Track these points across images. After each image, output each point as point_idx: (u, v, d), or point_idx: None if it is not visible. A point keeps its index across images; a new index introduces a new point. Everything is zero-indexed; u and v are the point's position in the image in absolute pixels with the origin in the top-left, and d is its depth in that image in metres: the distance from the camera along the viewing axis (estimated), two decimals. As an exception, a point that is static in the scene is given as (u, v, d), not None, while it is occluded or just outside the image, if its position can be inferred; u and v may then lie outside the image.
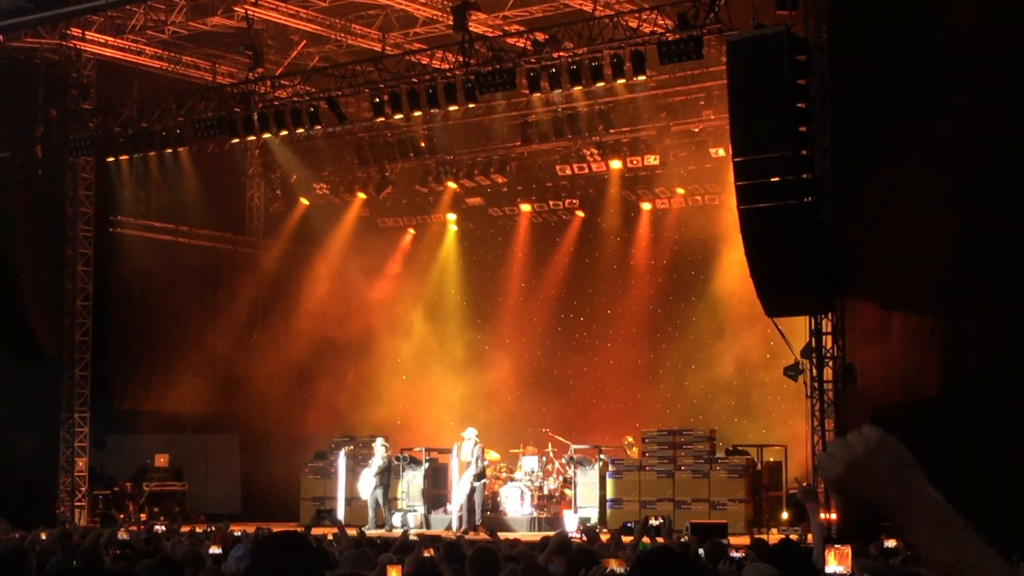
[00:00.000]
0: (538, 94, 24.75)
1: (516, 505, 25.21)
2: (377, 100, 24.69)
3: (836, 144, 19.74)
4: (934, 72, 19.24)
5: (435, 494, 26.04)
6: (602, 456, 25.01)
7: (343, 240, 31.92)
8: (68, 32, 26.52)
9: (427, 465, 26.21)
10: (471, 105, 24.78)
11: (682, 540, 15.65)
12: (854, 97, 19.83)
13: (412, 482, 26.23)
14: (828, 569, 7.06)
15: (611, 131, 28.06)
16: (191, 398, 29.88)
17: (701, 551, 12.30)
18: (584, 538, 16.01)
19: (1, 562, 6.50)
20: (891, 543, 14.05)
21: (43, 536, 15.42)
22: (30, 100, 27.08)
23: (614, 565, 7.80)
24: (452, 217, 31.75)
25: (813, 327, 20.37)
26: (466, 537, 18.08)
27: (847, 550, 7.28)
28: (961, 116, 19.04)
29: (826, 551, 7.38)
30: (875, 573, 8.74)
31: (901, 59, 19.53)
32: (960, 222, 18.94)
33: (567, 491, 25.09)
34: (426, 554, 10.84)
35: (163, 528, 17.63)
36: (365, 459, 26.15)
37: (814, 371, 20.31)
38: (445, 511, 25.58)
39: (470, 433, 24.98)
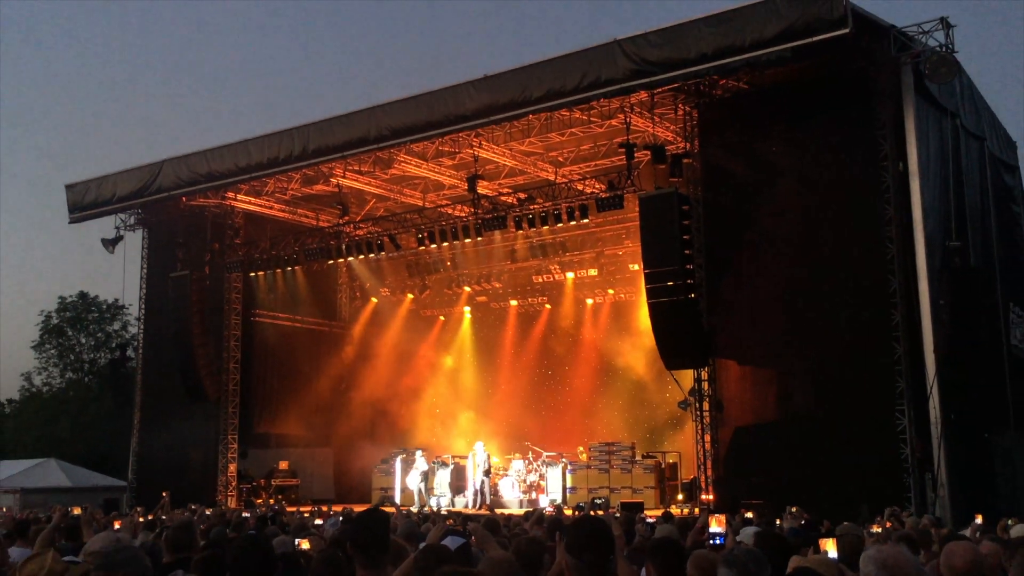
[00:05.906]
0: (520, 231, 24.88)
1: (509, 491, 25.05)
2: (420, 236, 24.83)
3: (708, 261, 19.86)
4: (766, 217, 19.45)
5: (458, 485, 25.78)
6: (564, 459, 24.88)
7: (399, 325, 31.99)
8: (225, 195, 26.80)
9: (452, 467, 26.01)
10: (479, 239, 24.86)
11: (615, 515, 15.43)
12: (718, 232, 19.94)
13: (443, 478, 25.98)
14: (711, 530, 6.96)
15: (567, 254, 28.34)
16: (303, 425, 29.83)
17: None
18: (554, 511, 15.89)
19: (178, 531, 6.52)
20: (749, 515, 13.79)
21: (207, 512, 15.18)
22: (201, 238, 27.30)
23: None
24: (467, 310, 31.81)
25: (696, 376, 20.34)
26: (477, 512, 17.87)
27: (723, 517, 7.24)
28: (782, 244, 19.21)
29: (709, 518, 7.34)
30: (736, 530, 8.69)
31: (746, 208, 19.72)
32: (784, 309, 19.01)
33: (542, 482, 24.93)
34: (448, 523, 10.78)
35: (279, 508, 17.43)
36: (412, 463, 25.99)
37: (697, 404, 20.26)
38: (464, 496, 25.33)
39: (478, 446, 24.91)
